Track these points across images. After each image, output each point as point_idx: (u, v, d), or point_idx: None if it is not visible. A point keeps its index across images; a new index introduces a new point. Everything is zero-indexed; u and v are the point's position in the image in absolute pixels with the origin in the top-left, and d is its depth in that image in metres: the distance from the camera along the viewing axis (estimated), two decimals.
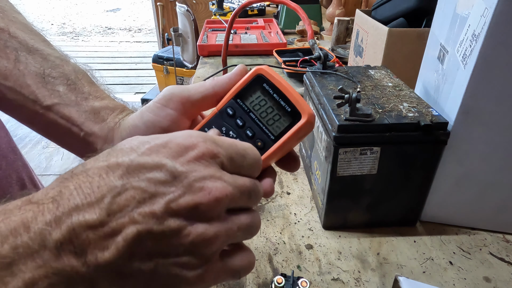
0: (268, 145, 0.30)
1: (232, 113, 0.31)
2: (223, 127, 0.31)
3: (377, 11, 0.93)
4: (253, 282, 0.46)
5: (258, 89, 0.31)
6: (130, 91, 3.80)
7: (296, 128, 0.29)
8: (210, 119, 0.32)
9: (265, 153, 0.30)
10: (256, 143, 0.30)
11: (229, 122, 0.31)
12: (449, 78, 0.50)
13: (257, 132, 0.30)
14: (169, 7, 3.55)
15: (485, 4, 0.41)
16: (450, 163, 0.50)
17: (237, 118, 0.31)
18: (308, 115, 0.29)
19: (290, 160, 0.32)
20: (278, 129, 0.30)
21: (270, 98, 0.30)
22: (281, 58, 1.14)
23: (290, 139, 0.30)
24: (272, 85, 0.30)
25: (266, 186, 0.29)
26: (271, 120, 0.30)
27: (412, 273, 0.47)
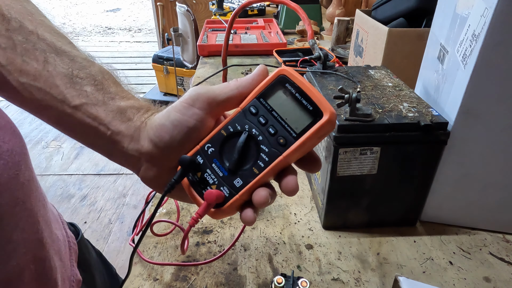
0: (290, 142, 0.31)
1: (255, 112, 0.32)
2: (246, 125, 0.32)
3: (377, 11, 0.93)
4: (253, 282, 0.46)
5: (280, 89, 0.32)
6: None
7: (317, 126, 0.30)
8: (233, 117, 0.33)
9: (287, 150, 0.31)
10: (278, 140, 0.31)
11: (252, 120, 0.32)
12: (449, 78, 0.50)
13: (279, 129, 0.31)
14: (169, 7, 3.55)
15: (485, 4, 0.41)
16: (450, 163, 0.50)
17: (259, 116, 0.32)
18: (330, 114, 0.30)
19: (312, 160, 0.33)
20: (300, 127, 0.31)
21: (292, 97, 0.31)
22: (281, 58, 1.14)
23: (312, 136, 0.30)
24: (294, 84, 0.31)
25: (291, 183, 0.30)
26: (293, 118, 0.31)
27: (412, 273, 0.47)
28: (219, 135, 0.33)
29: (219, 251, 0.50)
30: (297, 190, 0.31)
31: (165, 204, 0.59)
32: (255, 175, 0.31)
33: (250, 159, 0.32)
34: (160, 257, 0.49)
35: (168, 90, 2.70)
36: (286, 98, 0.32)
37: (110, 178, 2.30)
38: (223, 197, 0.32)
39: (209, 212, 0.33)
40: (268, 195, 0.31)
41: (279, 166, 0.31)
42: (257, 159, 0.32)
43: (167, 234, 0.53)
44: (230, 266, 0.48)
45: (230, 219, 0.56)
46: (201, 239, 0.52)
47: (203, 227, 0.55)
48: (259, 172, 0.31)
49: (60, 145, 2.67)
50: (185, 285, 0.46)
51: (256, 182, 0.31)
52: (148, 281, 0.46)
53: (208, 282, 0.46)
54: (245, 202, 0.32)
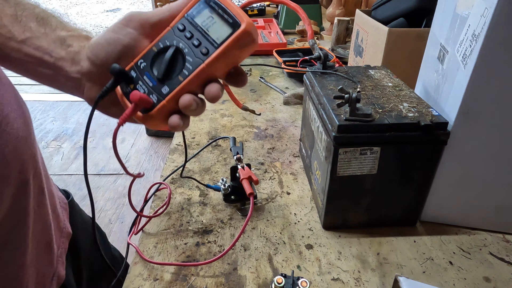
0: (212, 51, 0.34)
1: (182, 28, 0.36)
2: (174, 40, 0.36)
3: (377, 11, 0.93)
4: (253, 282, 0.46)
5: (205, 7, 0.36)
6: None
7: (235, 35, 0.34)
8: (164, 34, 0.37)
9: (208, 58, 0.34)
10: (201, 50, 0.35)
11: (179, 36, 0.36)
12: (449, 78, 0.50)
13: (202, 41, 0.35)
14: None
15: (485, 4, 0.41)
16: (450, 163, 0.50)
17: (186, 32, 0.36)
18: (247, 24, 0.33)
19: (237, 74, 0.37)
20: (221, 38, 0.34)
21: (215, 13, 0.35)
22: (281, 58, 1.14)
23: (231, 45, 0.34)
24: (217, 2, 0.35)
25: (212, 89, 0.34)
26: (215, 30, 0.35)
27: (412, 273, 0.47)
28: (150, 52, 0.37)
29: (219, 251, 0.50)
30: (218, 96, 0.34)
31: (165, 205, 0.59)
32: (180, 83, 0.35)
33: (177, 69, 0.35)
34: (160, 257, 0.49)
35: None
36: (209, 14, 0.36)
37: (110, 178, 2.30)
38: (151, 103, 0.35)
39: (138, 117, 0.36)
40: (192, 99, 0.34)
41: (202, 75, 0.35)
42: (183, 68, 0.35)
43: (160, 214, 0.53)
44: (230, 266, 0.48)
45: (230, 219, 0.56)
46: (201, 239, 0.52)
47: (203, 227, 0.55)
48: (184, 79, 0.35)
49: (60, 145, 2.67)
50: (185, 285, 0.46)
51: (181, 88, 0.35)
52: (148, 281, 0.46)
53: (208, 282, 0.46)
54: (174, 110, 0.36)
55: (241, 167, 0.57)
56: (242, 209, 0.58)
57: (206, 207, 0.59)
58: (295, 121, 0.85)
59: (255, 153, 0.73)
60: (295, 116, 0.88)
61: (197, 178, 0.64)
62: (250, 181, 0.55)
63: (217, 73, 0.36)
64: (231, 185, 0.59)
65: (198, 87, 0.36)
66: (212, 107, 0.92)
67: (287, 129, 0.82)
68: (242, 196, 0.58)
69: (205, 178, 0.65)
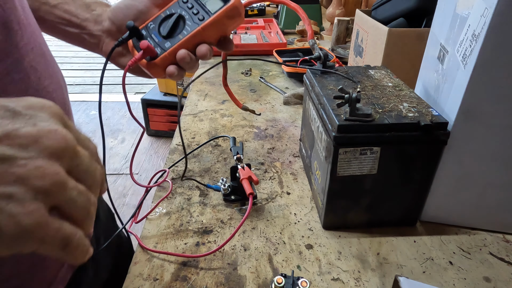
0: (206, 18, 0.45)
1: (186, 1, 0.47)
2: (178, 9, 0.47)
3: (377, 11, 0.93)
4: (253, 282, 0.46)
5: None
6: (130, 91, 3.80)
7: (226, 7, 0.44)
8: (171, 5, 0.48)
9: (203, 22, 0.45)
10: (199, 17, 0.45)
11: (183, 6, 0.47)
12: (449, 78, 0.50)
13: (200, 11, 0.46)
14: None
15: (485, 4, 0.41)
16: (450, 163, 0.50)
17: (188, 3, 0.47)
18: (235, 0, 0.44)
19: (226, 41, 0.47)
20: (215, 9, 0.45)
21: None
22: (281, 58, 1.14)
23: (222, 15, 0.45)
24: None
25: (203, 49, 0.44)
26: (210, 3, 0.46)
27: (412, 273, 0.47)
28: (159, 17, 0.48)
29: (219, 251, 0.50)
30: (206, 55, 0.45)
31: (165, 204, 0.59)
32: (179, 40, 0.45)
33: (178, 30, 0.46)
34: (160, 256, 0.49)
35: (168, 90, 2.70)
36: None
37: (110, 178, 2.30)
38: (155, 53, 0.45)
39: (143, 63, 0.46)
40: (186, 53, 0.44)
41: (198, 36, 0.45)
42: (183, 29, 0.46)
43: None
44: (230, 266, 0.48)
45: (230, 219, 0.56)
46: (201, 239, 0.52)
47: (203, 227, 0.55)
48: (183, 38, 0.45)
49: None
50: (185, 285, 0.46)
51: (180, 44, 0.45)
52: (148, 281, 0.46)
53: (208, 282, 0.46)
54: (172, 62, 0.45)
55: (241, 167, 0.57)
56: (242, 209, 0.58)
57: (206, 207, 0.59)
58: (295, 121, 0.85)
59: (255, 153, 0.73)
60: (295, 116, 0.88)
61: (197, 178, 0.64)
62: (250, 181, 0.55)
63: (209, 37, 0.46)
64: (231, 185, 0.59)
65: (193, 46, 0.46)
66: (212, 107, 0.92)
67: (287, 129, 0.82)
68: (242, 196, 0.58)
69: (205, 178, 0.65)
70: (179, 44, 0.45)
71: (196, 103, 0.94)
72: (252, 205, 0.58)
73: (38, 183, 0.22)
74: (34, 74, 0.38)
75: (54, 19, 0.48)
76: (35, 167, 0.22)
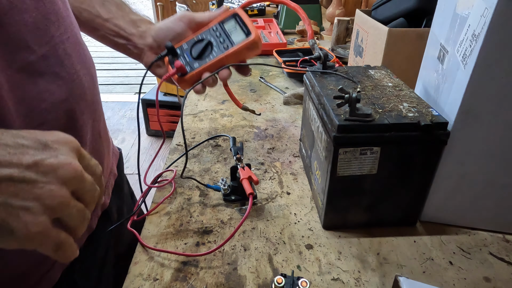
0: (230, 47, 0.54)
1: (215, 29, 0.57)
2: (209, 36, 0.57)
3: (377, 11, 0.93)
4: (253, 282, 0.46)
5: (233, 19, 0.56)
6: (130, 91, 3.80)
7: (247, 41, 0.54)
8: (204, 31, 0.57)
9: (227, 50, 0.54)
10: (224, 46, 0.55)
11: (212, 34, 0.57)
12: (449, 78, 0.50)
13: (225, 40, 0.55)
14: (169, 7, 3.55)
15: (485, 4, 0.41)
16: (450, 163, 0.50)
17: (217, 32, 0.56)
18: (255, 35, 0.53)
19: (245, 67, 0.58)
20: (238, 41, 0.54)
21: (238, 25, 0.56)
22: (281, 58, 1.14)
23: (243, 47, 0.54)
24: (241, 18, 0.56)
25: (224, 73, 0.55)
26: (235, 35, 0.55)
27: (412, 273, 0.47)
28: (192, 40, 0.57)
29: (219, 251, 0.50)
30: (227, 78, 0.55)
31: (165, 204, 0.59)
32: (206, 63, 0.55)
33: (206, 54, 0.56)
34: (160, 257, 0.49)
35: (168, 90, 2.70)
36: (234, 24, 0.56)
37: None
38: (186, 71, 0.55)
39: (175, 78, 0.56)
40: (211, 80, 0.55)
41: (222, 61, 0.55)
42: (210, 54, 0.55)
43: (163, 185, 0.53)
44: (230, 266, 0.48)
45: (230, 219, 0.56)
46: (201, 239, 0.52)
47: (203, 227, 0.55)
48: (209, 61, 0.55)
49: None
50: (185, 285, 0.46)
51: (206, 66, 0.55)
52: (148, 281, 0.46)
53: (208, 282, 0.46)
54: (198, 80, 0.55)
55: (241, 167, 0.57)
56: (242, 209, 0.58)
57: (206, 207, 0.59)
58: (295, 121, 0.85)
59: (255, 153, 0.73)
60: (295, 116, 0.88)
61: (197, 178, 0.64)
62: (250, 181, 0.55)
63: (230, 62, 0.55)
64: (231, 185, 0.59)
65: (216, 68, 0.55)
66: (212, 107, 0.92)
67: (287, 129, 0.82)
68: (242, 196, 0.58)
69: (205, 178, 0.65)
70: (205, 67, 0.55)
71: (196, 103, 0.94)
72: (252, 205, 0.58)
73: (49, 202, 0.29)
74: (68, 60, 0.44)
75: (105, 30, 0.58)
76: (49, 189, 0.29)
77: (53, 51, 0.42)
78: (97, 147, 0.53)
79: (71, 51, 0.45)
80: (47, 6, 0.41)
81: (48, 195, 0.29)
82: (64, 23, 0.44)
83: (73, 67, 0.45)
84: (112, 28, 0.58)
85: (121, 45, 0.60)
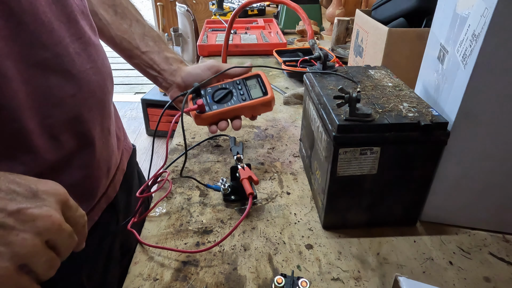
0: (248, 100, 0.64)
1: (238, 83, 0.67)
2: (231, 87, 0.66)
3: (377, 11, 0.93)
4: (253, 282, 0.46)
5: (254, 79, 0.67)
6: (130, 91, 3.79)
7: (263, 98, 0.64)
8: (228, 82, 0.68)
9: (244, 102, 0.64)
10: (243, 98, 0.65)
11: (236, 87, 0.66)
12: (449, 78, 0.50)
13: (245, 93, 0.65)
14: (169, 7, 3.55)
15: (485, 4, 0.41)
16: (450, 163, 0.50)
17: (239, 85, 0.67)
18: (271, 96, 0.64)
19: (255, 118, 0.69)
20: (255, 96, 0.65)
21: (258, 84, 0.67)
22: (281, 58, 1.14)
23: (258, 102, 0.64)
24: (262, 79, 0.67)
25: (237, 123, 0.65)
26: (254, 92, 0.65)
27: (412, 273, 0.47)
28: (216, 86, 0.67)
29: (219, 251, 0.50)
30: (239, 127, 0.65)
31: (165, 204, 0.59)
32: (224, 107, 0.64)
33: (225, 101, 0.65)
34: (160, 257, 0.50)
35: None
36: (255, 83, 0.67)
37: None
38: (205, 110, 0.63)
39: (194, 114, 0.63)
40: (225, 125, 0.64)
41: (237, 110, 0.64)
42: (229, 101, 0.65)
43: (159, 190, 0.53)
44: (230, 266, 0.48)
45: (230, 219, 0.56)
46: (201, 239, 0.52)
47: (203, 227, 0.55)
48: (227, 107, 0.64)
49: None
50: (185, 285, 0.46)
51: (222, 111, 0.64)
52: (148, 281, 0.46)
53: (208, 282, 0.46)
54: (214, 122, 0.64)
55: (241, 167, 0.57)
56: (242, 209, 0.58)
57: (206, 207, 0.59)
58: (295, 121, 0.85)
59: (255, 153, 0.73)
60: (295, 116, 0.88)
61: (197, 178, 0.64)
62: (250, 181, 0.55)
63: (244, 113, 0.65)
64: (231, 185, 0.59)
65: (231, 115, 0.65)
66: None
67: (287, 129, 0.82)
68: (242, 196, 0.58)
69: (205, 178, 0.65)
70: (222, 110, 0.63)
71: None
72: (252, 205, 0.58)
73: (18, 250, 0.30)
74: (78, 58, 0.47)
75: (141, 60, 0.67)
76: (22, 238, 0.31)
77: (65, 50, 0.44)
78: (106, 143, 0.56)
79: (82, 51, 0.48)
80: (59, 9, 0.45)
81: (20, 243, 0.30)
82: (76, 25, 0.47)
83: (83, 65, 0.47)
84: (148, 61, 0.67)
85: (152, 76, 0.69)
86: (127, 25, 0.67)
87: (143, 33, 0.67)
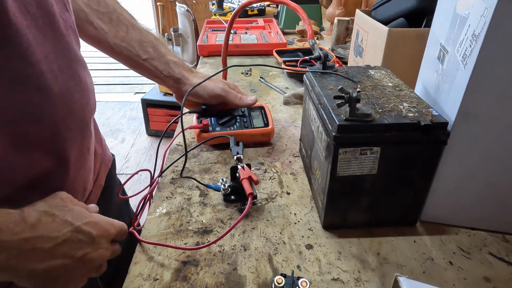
0: (249, 127, 0.72)
1: (243, 111, 0.76)
2: (236, 113, 0.75)
3: (377, 11, 0.93)
4: (253, 282, 0.46)
5: (258, 110, 0.78)
6: (130, 91, 3.79)
7: (263, 129, 0.73)
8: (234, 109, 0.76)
9: (246, 129, 0.71)
10: (245, 125, 0.72)
11: (239, 113, 0.75)
12: (449, 78, 0.50)
13: (248, 121, 0.73)
14: (169, 7, 3.55)
15: (485, 4, 0.41)
16: (450, 163, 0.50)
17: (244, 113, 0.75)
18: (271, 128, 0.73)
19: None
20: (257, 125, 0.73)
21: (261, 114, 0.76)
22: (281, 58, 1.14)
23: (258, 132, 0.72)
24: (265, 111, 0.77)
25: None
26: (257, 121, 0.74)
27: (412, 273, 0.47)
28: (223, 111, 0.75)
29: (219, 251, 0.50)
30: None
31: (165, 204, 0.59)
32: (226, 130, 0.71)
33: (230, 125, 0.72)
34: (160, 257, 0.50)
35: (168, 90, 2.71)
36: (258, 114, 0.76)
37: None
38: (208, 130, 0.70)
39: (196, 131, 0.70)
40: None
41: (239, 134, 0.70)
42: (232, 126, 0.72)
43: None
44: (230, 266, 0.48)
45: (230, 219, 0.56)
46: (201, 239, 0.52)
47: (203, 227, 0.55)
48: (229, 130, 0.71)
49: None
50: (185, 285, 0.46)
51: (225, 133, 0.69)
52: (148, 281, 0.46)
53: (208, 282, 0.46)
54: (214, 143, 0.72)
55: (241, 167, 0.57)
56: (242, 209, 0.58)
57: (206, 207, 0.59)
58: (295, 121, 0.85)
59: (255, 153, 0.73)
60: (295, 116, 0.88)
61: (197, 178, 0.64)
62: (250, 181, 0.55)
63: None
64: (231, 185, 0.59)
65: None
66: None
67: (287, 129, 0.82)
68: (242, 196, 0.58)
69: (205, 178, 0.65)
70: (224, 133, 0.69)
71: None
72: (252, 205, 0.58)
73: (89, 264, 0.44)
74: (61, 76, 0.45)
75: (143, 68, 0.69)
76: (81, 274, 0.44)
77: (49, 66, 0.43)
78: (84, 162, 0.55)
79: (66, 68, 0.46)
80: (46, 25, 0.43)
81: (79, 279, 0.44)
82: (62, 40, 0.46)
83: (66, 83, 0.46)
84: (149, 67, 0.69)
85: (157, 81, 0.73)
86: (123, 32, 0.66)
87: (141, 39, 0.68)
